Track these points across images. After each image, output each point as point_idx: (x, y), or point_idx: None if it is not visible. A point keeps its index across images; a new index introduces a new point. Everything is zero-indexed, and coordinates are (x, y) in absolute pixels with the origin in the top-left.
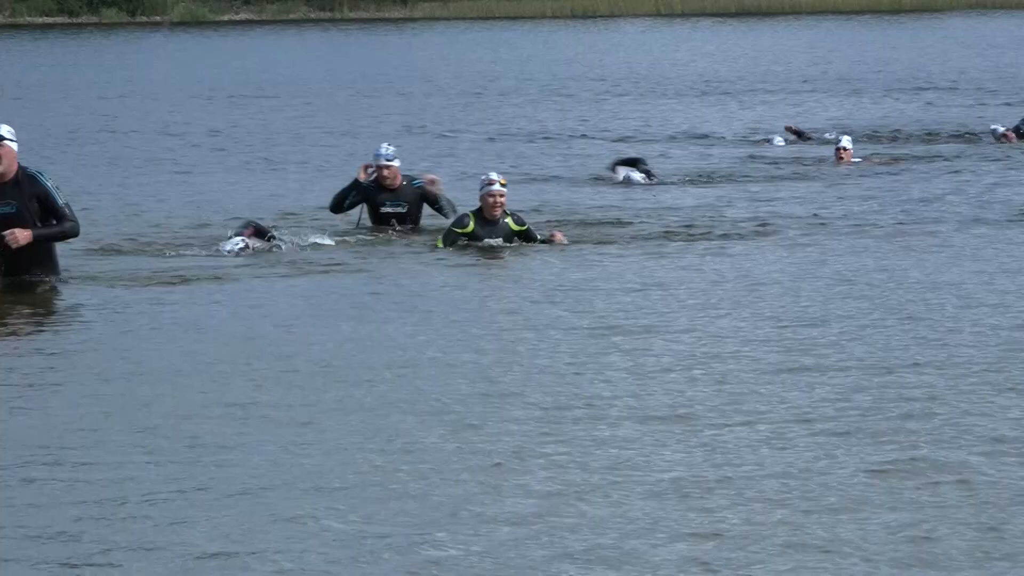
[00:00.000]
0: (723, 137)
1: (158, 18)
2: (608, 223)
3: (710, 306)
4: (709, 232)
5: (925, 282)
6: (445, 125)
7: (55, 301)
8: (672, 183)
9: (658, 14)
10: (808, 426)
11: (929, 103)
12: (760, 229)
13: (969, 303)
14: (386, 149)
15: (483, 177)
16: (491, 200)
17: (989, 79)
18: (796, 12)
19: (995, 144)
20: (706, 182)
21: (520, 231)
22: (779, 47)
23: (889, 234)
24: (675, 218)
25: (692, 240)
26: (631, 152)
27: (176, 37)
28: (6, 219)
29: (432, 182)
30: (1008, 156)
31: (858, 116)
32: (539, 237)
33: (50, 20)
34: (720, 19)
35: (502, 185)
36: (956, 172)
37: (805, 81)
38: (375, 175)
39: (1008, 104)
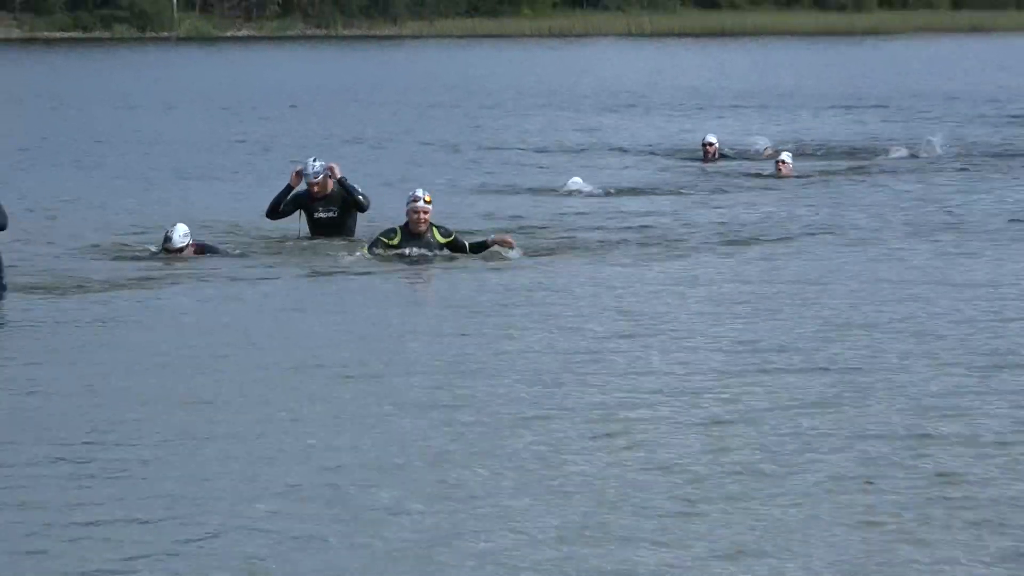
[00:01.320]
0: (677, 149)
1: (166, 34)
2: (556, 230)
3: (652, 307)
4: (653, 240)
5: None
6: (417, 136)
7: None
8: (619, 194)
9: (629, 34)
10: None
11: (860, 120)
12: (709, 237)
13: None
14: (312, 167)
15: (409, 193)
16: (415, 215)
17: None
18: (757, 34)
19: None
20: (653, 192)
21: (447, 242)
22: (735, 65)
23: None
24: (624, 225)
25: (642, 247)
26: (581, 164)
27: (182, 51)
28: None
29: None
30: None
31: (795, 130)
32: (468, 244)
33: (65, 35)
34: (686, 40)
35: (427, 202)
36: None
37: (751, 97)
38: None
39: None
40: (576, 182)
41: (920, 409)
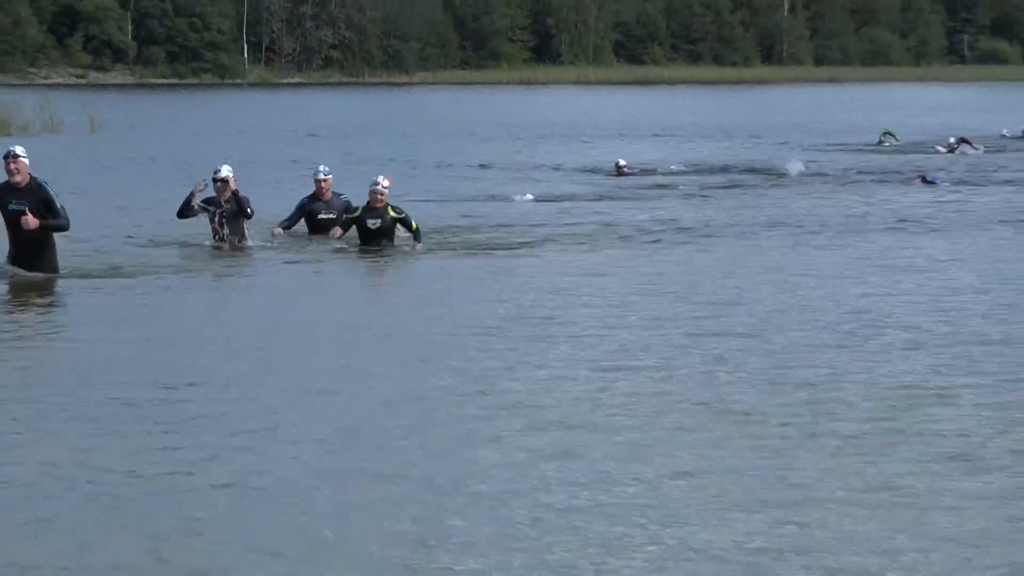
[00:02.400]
0: (600, 168)
1: (239, 81)
2: (508, 231)
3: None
4: (580, 236)
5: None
6: (414, 156)
7: (60, 291)
8: (555, 201)
9: (578, 83)
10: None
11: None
12: (620, 234)
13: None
14: (323, 168)
15: (373, 178)
16: (375, 195)
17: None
18: (670, 83)
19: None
20: (579, 199)
21: (398, 217)
22: (652, 106)
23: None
24: (557, 226)
25: (570, 243)
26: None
27: (251, 94)
28: (19, 214)
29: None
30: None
31: (694, 154)
32: (414, 223)
33: (165, 81)
34: (619, 87)
35: (384, 186)
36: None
37: (662, 130)
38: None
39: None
40: (522, 192)
41: (773, 366)
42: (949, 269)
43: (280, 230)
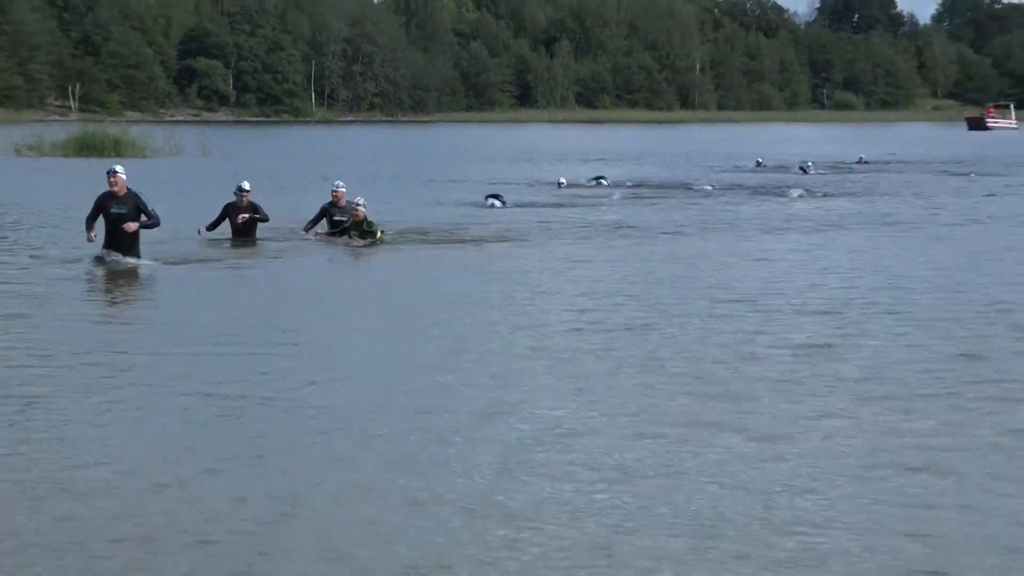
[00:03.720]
0: (557, 182)
1: (307, 119)
2: (476, 231)
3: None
4: (530, 233)
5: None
6: (420, 173)
7: (145, 275)
8: (520, 208)
9: (550, 121)
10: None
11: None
12: (576, 232)
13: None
14: (339, 183)
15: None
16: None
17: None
18: (616, 121)
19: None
20: (539, 206)
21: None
22: (600, 138)
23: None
24: (517, 228)
25: (529, 242)
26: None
27: (316, 128)
28: (120, 216)
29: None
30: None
31: (627, 172)
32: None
33: (254, 119)
34: (579, 125)
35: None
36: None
37: (604, 155)
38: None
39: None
40: (494, 200)
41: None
42: (823, 254)
43: (308, 234)
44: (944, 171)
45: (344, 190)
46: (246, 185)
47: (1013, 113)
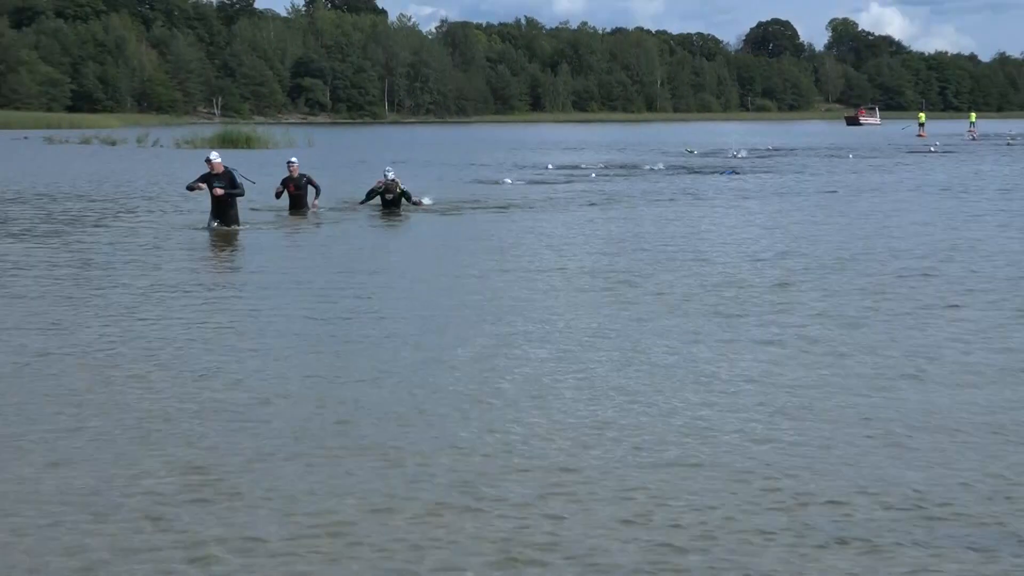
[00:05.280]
0: (545, 167)
1: (383, 121)
2: (494, 201)
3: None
4: (544, 202)
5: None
6: (446, 158)
7: (245, 237)
8: (528, 184)
9: (555, 122)
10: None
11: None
12: (550, 204)
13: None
14: (389, 167)
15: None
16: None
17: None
18: (600, 121)
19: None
20: (539, 183)
21: (403, 192)
22: (583, 133)
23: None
24: (525, 198)
25: (535, 208)
26: (516, 171)
27: (389, 128)
28: (221, 188)
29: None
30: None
31: (599, 158)
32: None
33: (345, 121)
34: (574, 124)
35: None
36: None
37: (580, 144)
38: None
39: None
40: (507, 179)
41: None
42: (755, 219)
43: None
44: (830, 154)
45: (392, 172)
46: (295, 160)
47: (878, 114)
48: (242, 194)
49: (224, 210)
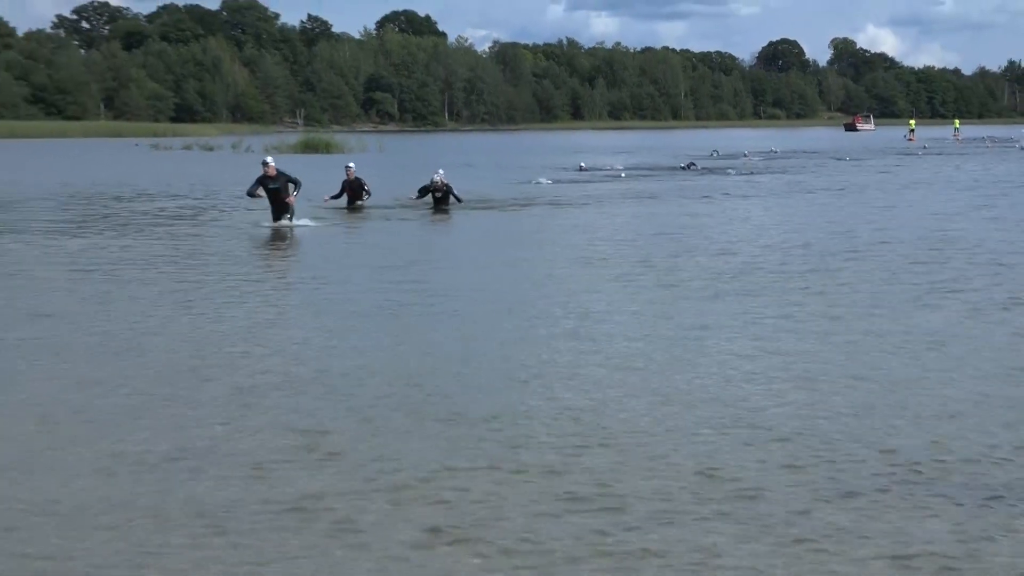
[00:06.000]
0: (580, 168)
1: (443, 128)
2: (536, 199)
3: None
4: (579, 200)
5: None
6: (495, 159)
7: (299, 233)
8: (559, 183)
9: (591, 129)
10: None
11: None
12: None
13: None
14: (440, 171)
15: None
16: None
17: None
18: (632, 129)
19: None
20: (574, 183)
21: (451, 190)
22: (622, 139)
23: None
24: (561, 196)
25: (572, 205)
26: (545, 171)
27: (450, 135)
28: (276, 190)
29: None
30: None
31: (629, 160)
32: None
33: (410, 128)
34: (609, 131)
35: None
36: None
37: (623, 150)
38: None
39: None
40: (542, 180)
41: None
42: (762, 211)
43: (410, 198)
44: (830, 156)
45: (442, 173)
46: (352, 164)
47: (872, 121)
48: (299, 185)
49: (282, 207)
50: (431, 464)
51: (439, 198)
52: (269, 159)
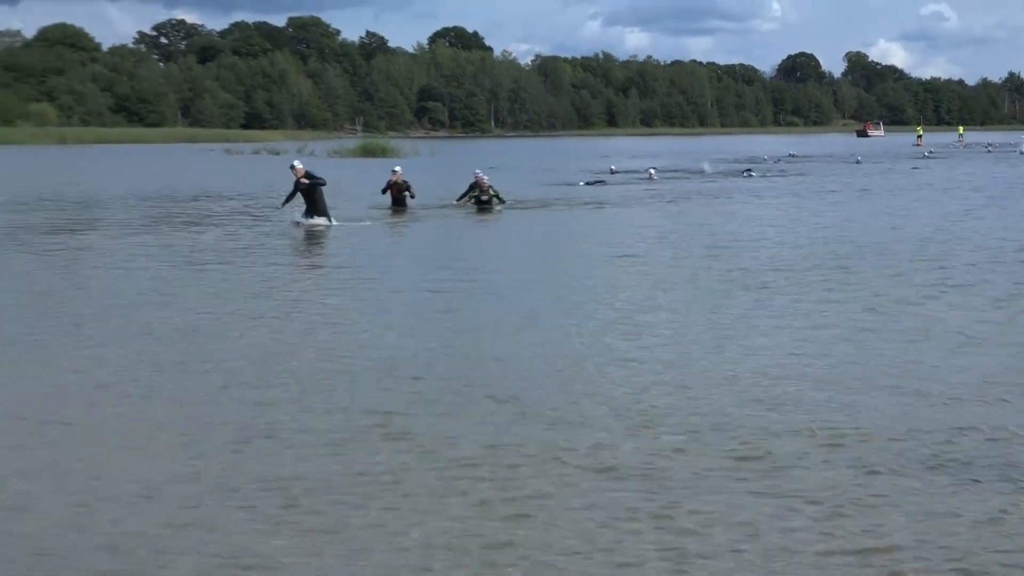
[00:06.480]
0: (611, 171)
1: (489, 134)
2: (574, 199)
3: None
4: (618, 201)
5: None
6: (530, 162)
7: (334, 231)
8: (594, 185)
9: (626, 135)
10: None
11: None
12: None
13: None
14: (479, 171)
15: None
16: (482, 181)
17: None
18: (661, 135)
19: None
20: (609, 184)
21: (496, 193)
22: (652, 144)
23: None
24: (598, 197)
25: (610, 204)
26: (584, 173)
27: (495, 140)
28: (307, 187)
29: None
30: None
31: (657, 163)
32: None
33: (459, 135)
34: (642, 137)
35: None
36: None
37: (636, 153)
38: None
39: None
40: (583, 183)
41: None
42: (768, 210)
43: (457, 201)
44: (843, 160)
45: (486, 177)
46: (398, 168)
47: (882, 127)
48: (324, 183)
49: (314, 202)
50: (488, 441)
51: (484, 200)
52: (297, 162)
